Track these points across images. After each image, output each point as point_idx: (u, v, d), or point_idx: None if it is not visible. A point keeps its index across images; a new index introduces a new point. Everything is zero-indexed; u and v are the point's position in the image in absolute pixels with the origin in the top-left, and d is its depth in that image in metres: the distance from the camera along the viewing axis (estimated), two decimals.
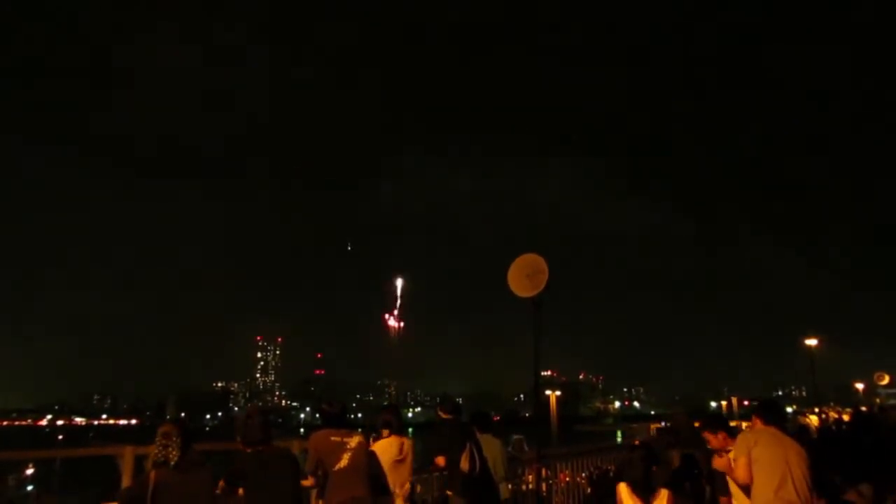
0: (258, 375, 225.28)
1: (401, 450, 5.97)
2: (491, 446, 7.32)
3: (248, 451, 4.74)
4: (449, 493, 6.79)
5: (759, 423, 5.29)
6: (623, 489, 5.06)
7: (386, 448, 5.90)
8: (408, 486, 6.04)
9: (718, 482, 5.86)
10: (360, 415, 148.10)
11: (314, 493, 5.86)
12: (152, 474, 4.08)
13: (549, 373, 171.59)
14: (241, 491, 4.73)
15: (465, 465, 6.57)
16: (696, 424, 8.16)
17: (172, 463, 4.12)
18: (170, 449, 4.16)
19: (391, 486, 5.77)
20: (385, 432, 6.05)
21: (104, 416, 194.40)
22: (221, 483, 4.70)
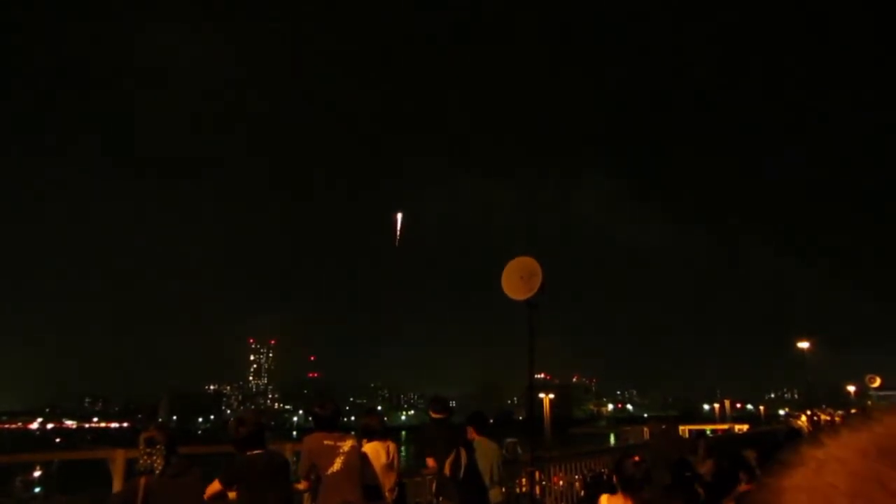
0: (251, 378, 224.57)
1: (387, 453, 5.97)
2: (487, 449, 7.30)
3: (245, 454, 4.74)
4: (440, 499, 6.76)
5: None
6: (605, 501, 4.96)
7: (373, 452, 5.89)
8: (396, 489, 6.03)
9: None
10: (352, 417, 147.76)
11: (307, 496, 5.85)
12: (142, 480, 4.06)
13: (542, 375, 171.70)
14: (231, 494, 4.72)
15: (447, 469, 6.55)
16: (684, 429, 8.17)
17: (157, 471, 4.10)
18: (154, 457, 4.13)
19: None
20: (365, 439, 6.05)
21: (95, 419, 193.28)
22: (212, 486, 4.69)
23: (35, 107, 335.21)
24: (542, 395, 70.54)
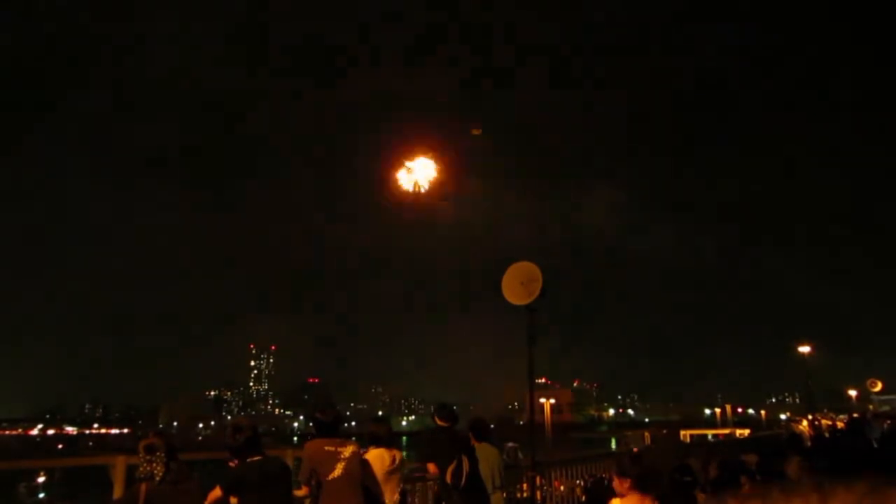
0: (251, 384, 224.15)
1: (392, 460, 5.97)
2: (488, 455, 7.29)
3: (244, 460, 4.73)
4: None
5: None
6: None
7: (377, 459, 5.88)
8: (398, 496, 6.02)
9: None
10: (353, 423, 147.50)
11: (307, 502, 5.84)
12: (143, 487, 4.06)
13: (543, 380, 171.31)
14: (233, 500, 4.71)
15: (448, 477, 6.53)
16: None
17: (158, 478, 4.10)
18: (154, 464, 4.13)
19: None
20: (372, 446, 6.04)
21: (95, 425, 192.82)
22: (213, 493, 4.68)
23: (33, 106, 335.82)
24: (542, 400, 70.46)
